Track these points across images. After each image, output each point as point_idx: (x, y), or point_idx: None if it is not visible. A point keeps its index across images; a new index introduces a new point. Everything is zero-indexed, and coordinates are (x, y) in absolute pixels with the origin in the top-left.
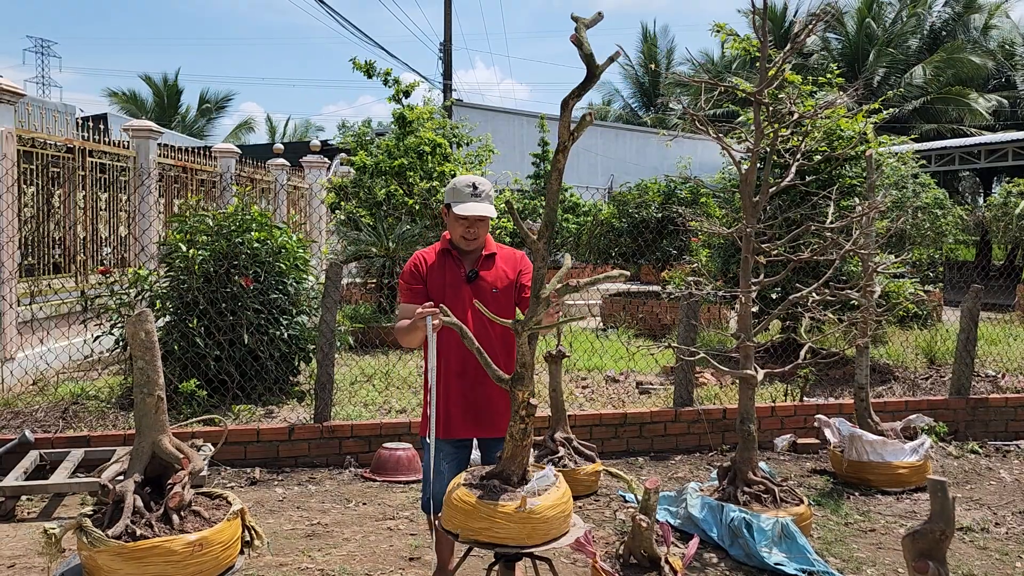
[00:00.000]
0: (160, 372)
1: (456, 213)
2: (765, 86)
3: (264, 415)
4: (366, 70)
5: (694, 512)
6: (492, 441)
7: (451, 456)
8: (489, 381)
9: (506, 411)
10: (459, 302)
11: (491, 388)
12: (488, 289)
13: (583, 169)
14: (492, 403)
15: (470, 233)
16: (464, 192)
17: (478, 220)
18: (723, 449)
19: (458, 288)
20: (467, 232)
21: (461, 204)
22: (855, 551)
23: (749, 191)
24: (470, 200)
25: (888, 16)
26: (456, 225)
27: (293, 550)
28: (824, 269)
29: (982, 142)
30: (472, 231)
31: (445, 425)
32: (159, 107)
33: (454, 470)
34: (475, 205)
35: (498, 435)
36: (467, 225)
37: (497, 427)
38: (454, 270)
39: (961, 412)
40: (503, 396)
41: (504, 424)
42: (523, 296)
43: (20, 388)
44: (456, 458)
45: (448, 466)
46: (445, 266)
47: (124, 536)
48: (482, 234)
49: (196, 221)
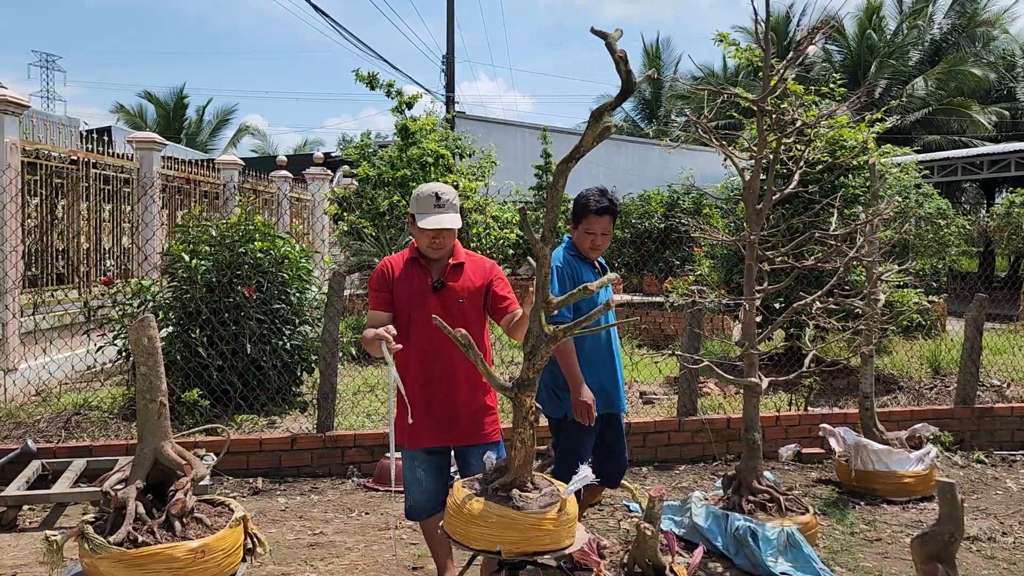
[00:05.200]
0: (163, 378)
1: (420, 226)
2: (768, 94)
3: (267, 425)
4: (369, 82)
5: (699, 521)
6: (465, 448)
7: (425, 463)
8: (454, 390)
9: (473, 418)
10: (425, 311)
11: (456, 396)
12: (455, 298)
13: (584, 180)
14: (457, 410)
15: (435, 244)
16: (427, 203)
17: (444, 231)
18: (727, 459)
19: (424, 297)
20: (432, 243)
21: (425, 217)
22: (861, 560)
23: (753, 199)
24: (433, 212)
25: (889, 28)
26: (421, 236)
27: (295, 560)
28: (827, 278)
29: (985, 152)
30: (438, 241)
31: (414, 435)
32: (163, 120)
33: (432, 478)
34: (439, 217)
35: (468, 442)
36: (432, 236)
37: (466, 434)
38: (421, 278)
39: (967, 422)
40: (469, 404)
41: (473, 431)
42: (498, 306)
43: (23, 399)
44: (431, 465)
45: (425, 474)
46: (412, 274)
47: (126, 543)
48: (448, 243)
49: (199, 231)
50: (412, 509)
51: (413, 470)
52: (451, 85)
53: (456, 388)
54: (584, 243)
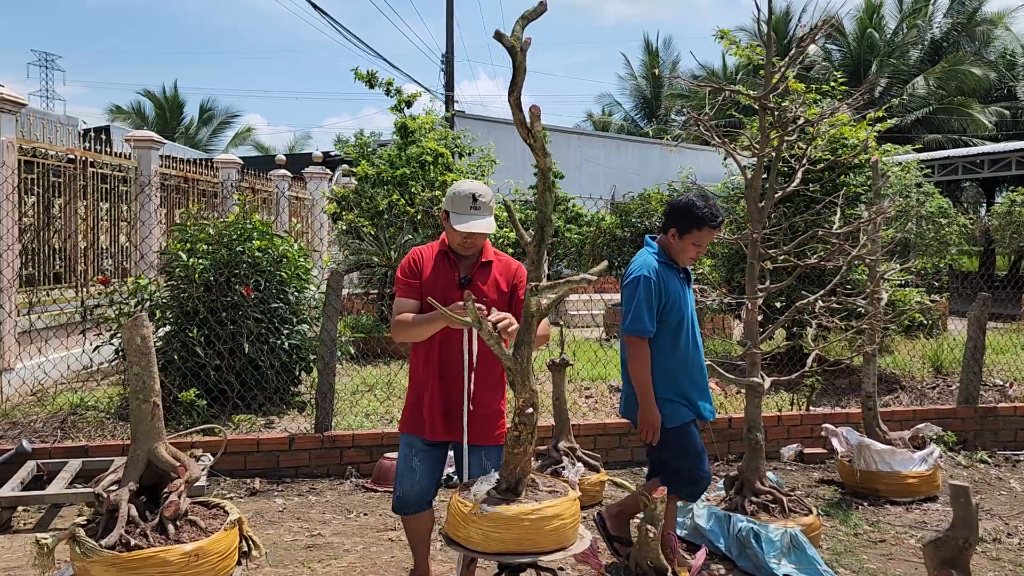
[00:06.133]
0: (156, 378)
1: (455, 229)
2: (771, 91)
3: (264, 425)
4: (368, 80)
5: (701, 522)
6: (470, 448)
7: (424, 454)
8: (469, 388)
9: (484, 418)
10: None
11: (471, 394)
12: (480, 296)
13: (584, 180)
14: (471, 408)
15: (467, 243)
16: (464, 203)
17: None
18: (729, 459)
19: (450, 292)
20: (464, 243)
21: (461, 219)
22: (865, 562)
23: (755, 196)
24: (470, 214)
25: (889, 27)
26: (454, 235)
27: (293, 561)
28: (829, 277)
29: (985, 151)
30: (470, 242)
31: (421, 423)
32: (161, 120)
33: (426, 470)
34: (475, 222)
35: (473, 442)
36: (465, 236)
37: (473, 434)
38: (448, 273)
39: (970, 421)
40: (481, 404)
41: (481, 431)
42: (520, 310)
43: (19, 398)
44: (429, 458)
45: (420, 464)
46: (440, 267)
47: (118, 546)
48: (480, 243)
49: (196, 230)
50: (400, 501)
51: (409, 459)
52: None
53: (472, 385)
54: (687, 254)
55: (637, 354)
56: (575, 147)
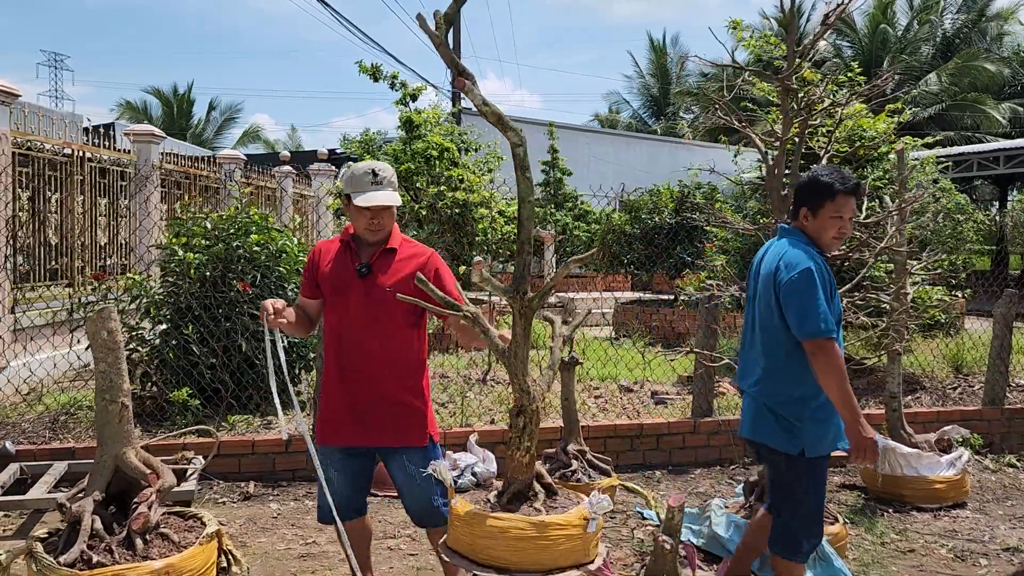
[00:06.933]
0: (125, 376)
1: (356, 204)
2: (793, 71)
3: (261, 425)
4: (372, 73)
5: (719, 531)
6: (390, 451)
7: (340, 464)
8: (376, 387)
9: (398, 418)
10: (347, 298)
11: (379, 392)
12: (382, 286)
13: (593, 177)
14: (380, 408)
15: (374, 224)
16: (364, 180)
17: (382, 210)
18: (746, 462)
19: (349, 282)
20: (371, 223)
21: (361, 194)
22: (895, 574)
23: (777, 184)
24: (370, 188)
25: (900, 23)
26: (359, 216)
27: (284, 573)
28: (847, 274)
29: (1000, 148)
30: (376, 222)
31: (327, 430)
32: (168, 118)
33: (346, 480)
34: (375, 194)
35: (392, 444)
36: (370, 216)
37: (388, 435)
38: (347, 263)
39: (996, 423)
40: (393, 404)
41: (396, 432)
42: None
43: (13, 397)
44: (347, 467)
45: (337, 475)
46: (340, 258)
47: (79, 564)
48: (388, 224)
49: (193, 223)
50: (320, 511)
51: (325, 469)
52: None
53: (379, 383)
54: (829, 232)
55: (829, 360)
56: (584, 144)
